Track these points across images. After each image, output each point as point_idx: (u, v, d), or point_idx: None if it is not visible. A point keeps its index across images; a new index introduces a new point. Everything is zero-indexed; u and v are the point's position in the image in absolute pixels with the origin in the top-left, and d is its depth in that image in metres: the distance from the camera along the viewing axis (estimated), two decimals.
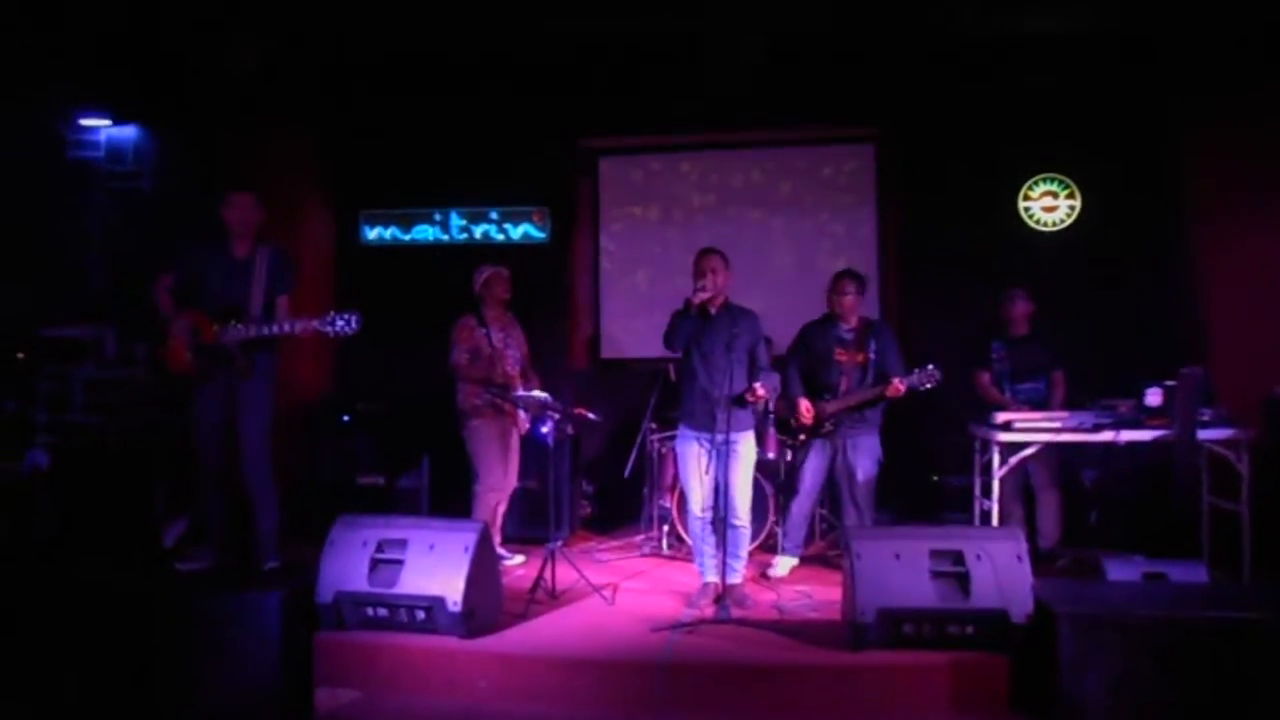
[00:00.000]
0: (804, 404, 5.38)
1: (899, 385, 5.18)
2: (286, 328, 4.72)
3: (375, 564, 4.20)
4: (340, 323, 4.63)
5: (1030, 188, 6.91)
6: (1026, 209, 6.91)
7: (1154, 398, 4.98)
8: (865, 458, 5.39)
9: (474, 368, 5.53)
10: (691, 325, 4.76)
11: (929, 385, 5.18)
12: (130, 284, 6.33)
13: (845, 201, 7.39)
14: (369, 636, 4.14)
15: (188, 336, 4.75)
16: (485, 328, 5.60)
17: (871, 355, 5.39)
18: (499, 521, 5.66)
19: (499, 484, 5.56)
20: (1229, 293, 6.13)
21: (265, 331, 4.73)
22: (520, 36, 6.40)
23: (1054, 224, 6.88)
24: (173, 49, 6.10)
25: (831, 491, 5.68)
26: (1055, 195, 6.88)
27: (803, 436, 5.48)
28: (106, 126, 6.56)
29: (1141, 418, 4.97)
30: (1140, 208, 6.62)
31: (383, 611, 4.15)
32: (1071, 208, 6.86)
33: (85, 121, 6.53)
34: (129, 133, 6.59)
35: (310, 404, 6.73)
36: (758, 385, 4.70)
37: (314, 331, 4.68)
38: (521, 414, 5.66)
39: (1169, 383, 4.96)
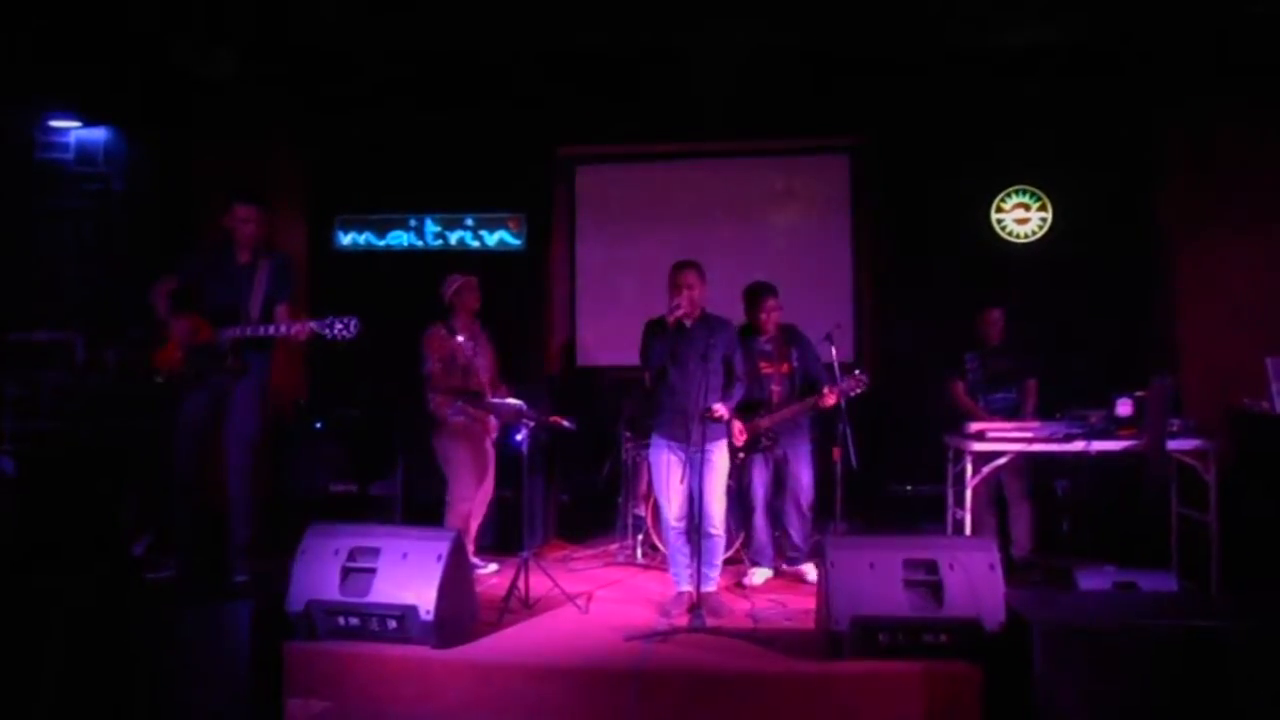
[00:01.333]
0: (736, 426, 5.22)
1: (829, 396, 5.21)
2: (284, 329, 4.69)
3: (347, 573, 4.16)
4: (339, 326, 4.60)
5: (1003, 199, 6.97)
6: (999, 220, 6.98)
7: (1124, 408, 5.03)
8: (805, 466, 5.48)
9: (447, 377, 5.49)
10: (667, 337, 4.75)
11: (858, 390, 5.24)
12: (100, 288, 6.27)
13: (820, 212, 7.43)
14: (340, 646, 4.10)
15: (184, 338, 4.71)
16: (455, 336, 5.56)
17: (795, 363, 5.46)
18: (472, 530, 5.63)
19: (470, 493, 5.53)
20: (1198, 304, 6.22)
21: (262, 331, 4.70)
22: (499, 44, 6.39)
23: (1026, 235, 6.95)
24: (145, 50, 6.04)
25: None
26: (1027, 207, 6.95)
27: (741, 455, 5.43)
28: (76, 128, 6.48)
29: (1112, 428, 5.02)
30: (1111, 220, 6.71)
31: (354, 621, 4.11)
32: (1043, 219, 6.93)
33: (55, 123, 6.44)
34: (99, 134, 6.51)
35: (283, 410, 6.67)
36: (716, 405, 4.69)
37: (311, 333, 4.65)
38: (492, 421, 5.64)
39: (1139, 393, 5.02)
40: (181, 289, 4.82)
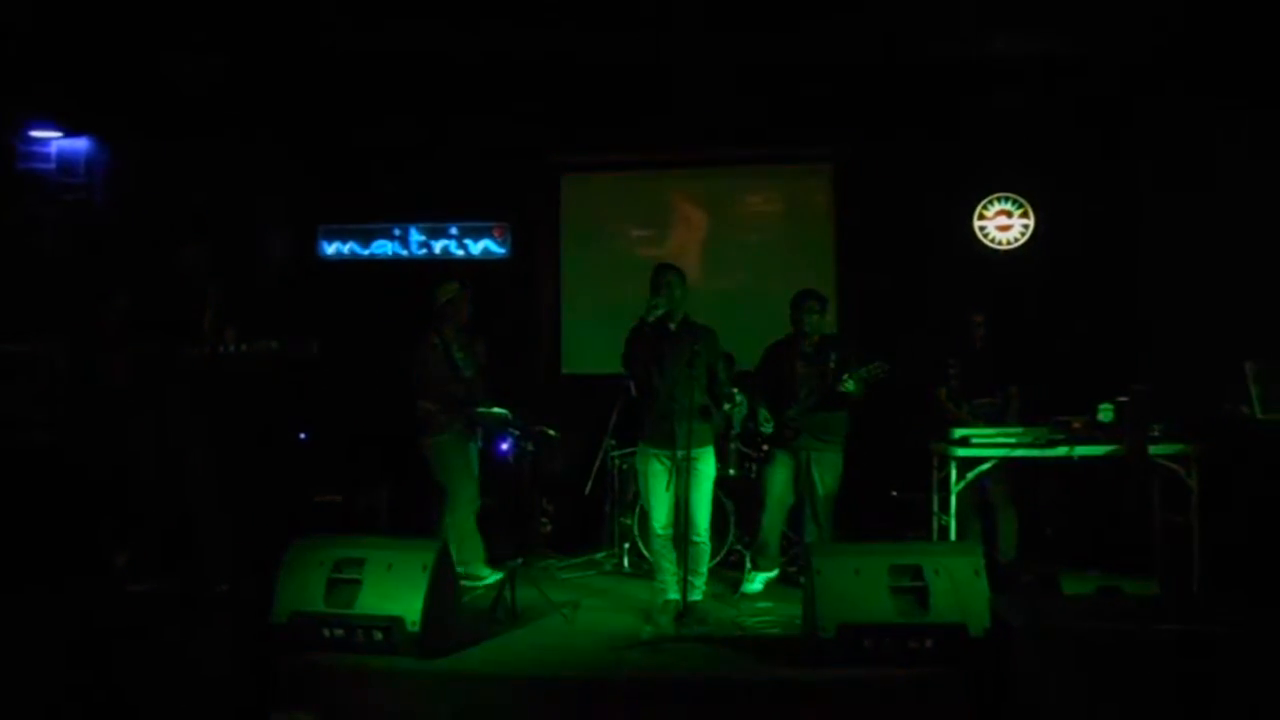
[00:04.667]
0: (762, 414, 5.48)
1: (846, 379, 5.25)
2: (245, 348, 4.68)
3: (332, 584, 4.13)
4: (300, 347, 4.59)
5: (985, 207, 7.02)
6: (981, 228, 7.03)
7: (1106, 414, 5.08)
8: (828, 473, 5.46)
9: (434, 385, 5.48)
10: (650, 344, 4.76)
11: (878, 376, 5.28)
12: (81, 297, 6.23)
13: (804, 219, 7.46)
14: (326, 658, 4.06)
15: (139, 355, 4.69)
16: (446, 345, 5.56)
17: (831, 365, 5.48)
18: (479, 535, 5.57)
19: (473, 495, 5.49)
20: (1178, 309, 6.26)
21: (221, 350, 4.68)
22: (484, 53, 6.40)
23: (1008, 243, 7.00)
24: (127, 61, 6.02)
25: (794, 507, 5.70)
26: (1009, 214, 7.01)
27: (765, 447, 5.51)
28: (58, 138, 6.45)
29: (1094, 434, 5.06)
30: (1093, 227, 6.76)
31: (340, 632, 4.08)
32: (1025, 227, 6.98)
33: (36, 133, 6.41)
34: (81, 145, 6.48)
35: (266, 421, 6.62)
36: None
37: (273, 354, 4.64)
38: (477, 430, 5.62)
39: (1121, 399, 5.05)
40: (133, 305, 4.82)
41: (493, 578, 5.55)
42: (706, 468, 4.81)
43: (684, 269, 4.92)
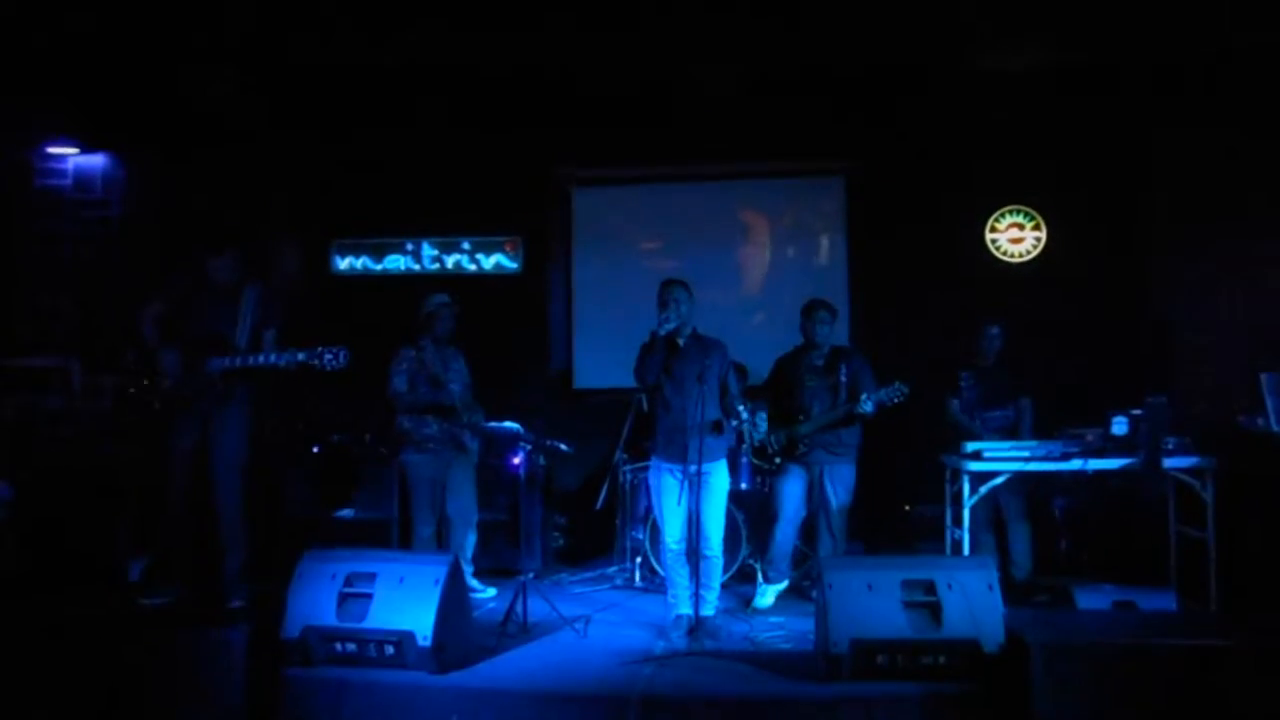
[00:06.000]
0: (771, 436, 5.48)
1: (866, 403, 5.23)
2: (274, 359, 4.68)
3: (344, 598, 4.13)
4: (329, 356, 4.59)
5: (997, 219, 7.01)
6: (993, 240, 7.01)
7: (1120, 427, 5.04)
8: (841, 486, 5.44)
9: (414, 395, 5.48)
10: (660, 357, 4.76)
11: (896, 400, 5.23)
12: (98, 314, 6.28)
13: (816, 233, 7.46)
14: (337, 672, 4.06)
15: (175, 367, 4.72)
16: (424, 358, 5.54)
17: (842, 379, 5.45)
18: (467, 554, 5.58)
19: (426, 518, 5.48)
20: (1192, 321, 6.24)
21: (251, 362, 4.70)
22: (493, 66, 6.43)
23: (1020, 255, 6.98)
24: (143, 78, 6.08)
25: (806, 520, 5.69)
26: (1021, 227, 6.99)
27: (778, 460, 5.49)
28: (75, 155, 6.51)
29: (1108, 447, 5.02)
30: (1105, 239, 6.75)
31: (351, 646, 4.08)
32: (1038, 239, 6.97)
33: (53, 149, 6.47)
34: (97, 161, 6.54)
35: (278, 435, 6.65)
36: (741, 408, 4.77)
37: (301, 365, 4.64)
38: (469, 442, 5.60)
39: (1135, 412, 5.02)
40: (168, 314, 4.84)
41: (480, 593, 5.53)
42: (719, 482, 4.80)
43: (695, 280, 4.92)
